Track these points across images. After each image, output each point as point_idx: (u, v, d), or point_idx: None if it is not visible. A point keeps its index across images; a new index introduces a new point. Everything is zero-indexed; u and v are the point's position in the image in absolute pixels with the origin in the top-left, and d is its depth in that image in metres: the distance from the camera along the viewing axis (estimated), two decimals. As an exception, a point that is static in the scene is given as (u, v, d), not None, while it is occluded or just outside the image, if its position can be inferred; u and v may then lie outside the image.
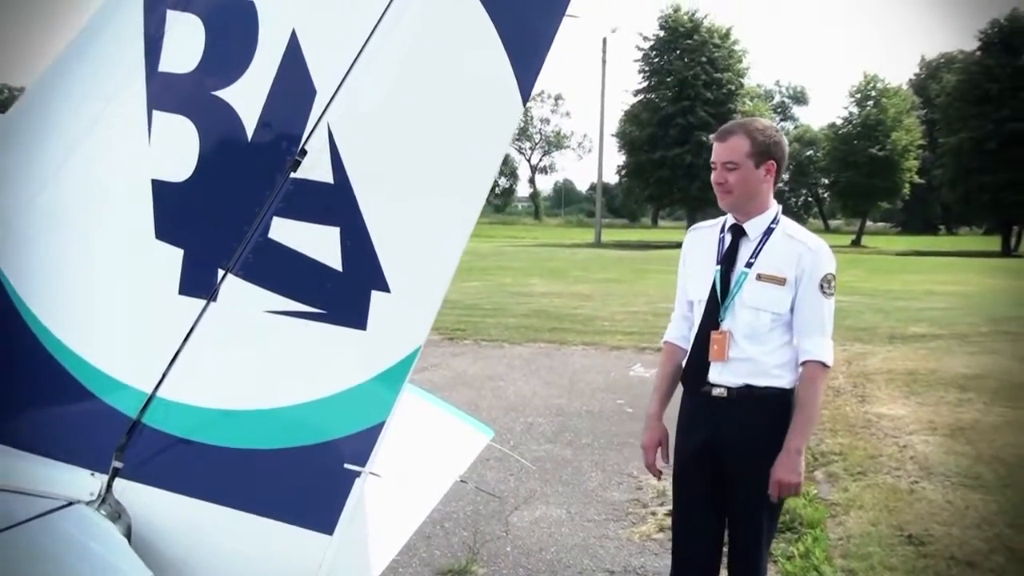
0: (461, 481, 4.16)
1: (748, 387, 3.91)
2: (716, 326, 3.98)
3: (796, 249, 3.93)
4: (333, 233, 2.63)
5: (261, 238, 2.65)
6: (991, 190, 61.72)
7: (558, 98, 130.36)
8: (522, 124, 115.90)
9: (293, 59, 2.63)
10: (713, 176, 4.00)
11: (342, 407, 2.65)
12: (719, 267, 4.03)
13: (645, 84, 66.99)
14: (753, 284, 3.94)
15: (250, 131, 2.65)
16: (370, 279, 2.62)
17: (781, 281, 3.90)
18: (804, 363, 3.90)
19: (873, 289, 26.21)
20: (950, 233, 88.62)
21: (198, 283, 2.69)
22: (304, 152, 2.62)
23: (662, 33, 66.36)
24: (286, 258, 2.65)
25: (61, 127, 2.78)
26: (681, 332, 4.28)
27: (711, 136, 4.13)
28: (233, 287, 2.67)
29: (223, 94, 2.66)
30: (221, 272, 2.67)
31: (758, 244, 3.99)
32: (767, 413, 3.91)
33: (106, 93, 2.74)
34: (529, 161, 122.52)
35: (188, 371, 2.70)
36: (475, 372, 12.40)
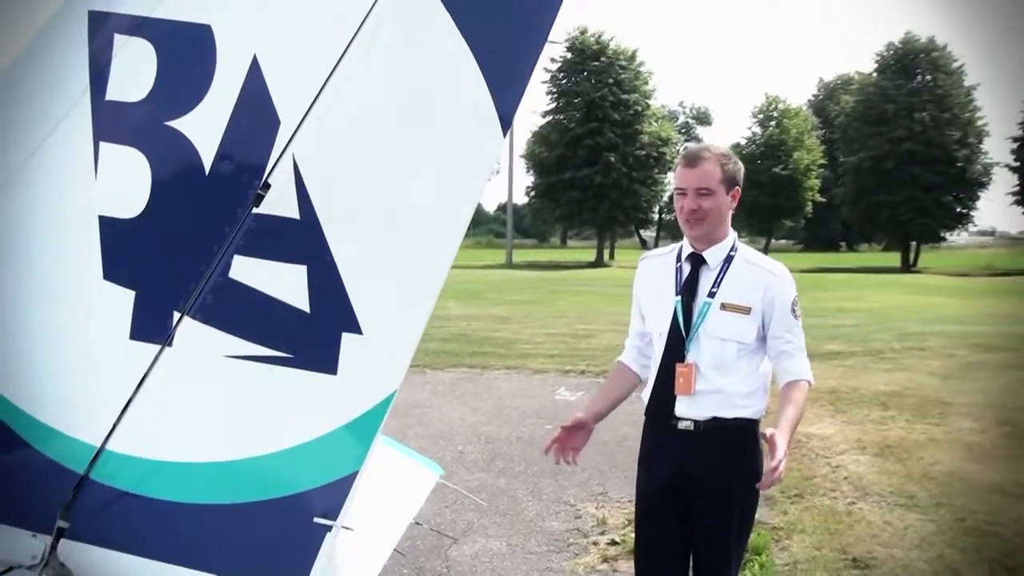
0: (415, 523, 4.00)
1: (715, 419, 3.80)
2: (680, 358, 3.86)
3: (759, 277, 3.87)
4: (299, 272, 2.46)
5: (221, 278, 2.47)
6: (889, 208, 63.34)
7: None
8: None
9: (254, 86, 2.46)
10: (683, 204, 3.87)
11: (311, 457, 2.48)
12: (679, 298, 3.91)
13: (553, 105, 67.29)
14: (717, 314, 3.84)
15: (208, 163, 2.48)
16: (340, 320, 2.46)
17: (746, 310, 3.82)
18: (793, 382, 3.82)
19: None
20: (851, 250, 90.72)
21: (151, 327, 2.50)
22: (267, 185, 2.45)
23: (569, 55, 66.80)
24: (248, 299, 2.48)
25: (-3, 159, 2.57)
26: (631, 356, 4.18)
27: (677, 161, 4.03)
28: (190, 330, 2.48)
29: (177, 124, 2.48)
30: (177, 315, 2.49)
31: (719, 273, 3.89)
32: (735, 445, 3.83)
33: (47, 123, 2.54)
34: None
35: (141, 421, 2.50)
36: (399, 400, 11.84)
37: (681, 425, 3.84)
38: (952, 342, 17.67)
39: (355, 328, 2.45)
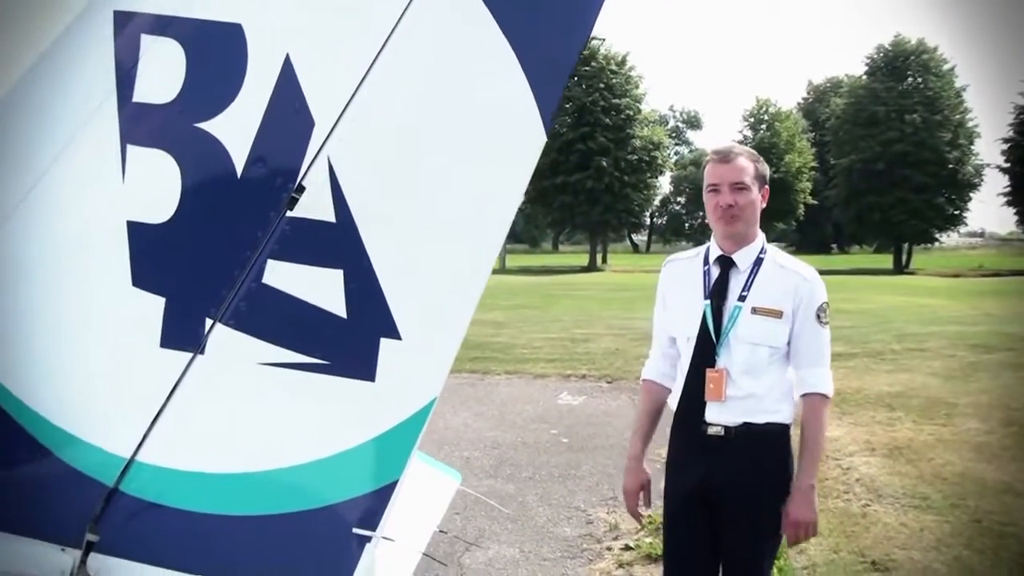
0: (441, 531, 3.93)
1: (747, 425, 3.72)
2: (711, 364, 3.77)
3: (791, 280, 3.78)
4: (336, 276, 2.40)
5: (254, 283, 2.41)
6: (881, 209, 63.54)
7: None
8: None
9: (287, 87, 2.39)
10: (717, 200, 3.77)
11: (349, 467, 2.41)
12: (708, 302, 3.81)
13: (545, 110, 67.11)
14: (748, 318, 3.75)
15: (240, 166, 2.41)
16: (378, 325, 2.39)
17: (778, 314, 3.73)
18: (806, 395, 3.76)
19: None
20: (842, 252, 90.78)
21: (183, 334, 2.43)
22: (302, 188, 2.39)
23: (560, 60, 66.61)
24: (283, 304, 2.41)
25: (20, 163, 2.49)
26: (661, 370, 4.09)
27: (707, 158, 3.90)
28: (223, 338, 2.41)
29: (207, 126, 2.42)
30: (209, 322, 2.42)
31: (749, 276, 3.80)
32: (766, 451, 3.74)
33: (73, 125, 2.47)
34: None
35: (172, 432, 2.43)
36: (401, 406, 12.06)
37: (711, 431, 3.75)
38: (951, 342, 17.65)
39: (394, 334, 2.39)
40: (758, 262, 3.82)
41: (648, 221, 72.73)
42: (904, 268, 61.64)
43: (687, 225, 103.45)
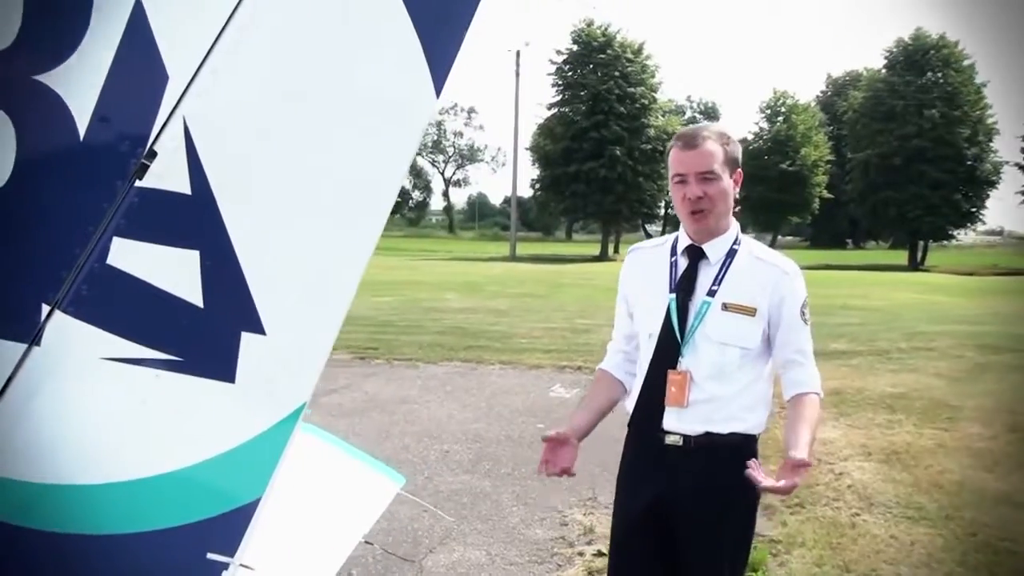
0: (365, 543, 3.58)
1: (708, 435, 3.33)
2: (673, 365, 3.38)
3: (768, 274, 3.39)
4: (191, 258, 2.03)
5: (97, 264, 2.04)
6: (897, 205, 62.96)
7: (471, 111, 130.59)
8: (435, 137, 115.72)
9: (138, 33, 2.02)
10: (683, 192, 3.38)
11: (203, 482, 2.05)
12: (674, 296, 3.43)
13: (559, 98, 66.83)
14: (718, 315, 3.36)
15: (82, 127, 2.04)
16: (239, 317, 2.03)
17: (751, 311, 3.34)
18: (803, 394, 3.34)
19: None
20: (857, 247, 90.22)
21: (15, 323, 2.06)
22: (153, 154, 2.02)
23: (575, 47, 66.32)
24: (130, 290, 2.05)
25: None
26: (616, 362, 3.72)
27: (671, 144, 3.48)
28: (61, 327, 2.05)
29: (46, 79, 2.05)
30: (46, 308, 2.06)
31: (720, 268, 3.41)
32: (728, 464, 3.23)
33: None
34: (443, 174, 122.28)
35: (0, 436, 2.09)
36: (388, 394, 11.75)
37: (668, 440, 3.37)
38: (960, 342, 17.19)
39: (257, 327, 2.03)
40: (731, 253, 3.44)
41: (662, 211, 71.89)
42: (919, 265, 61.09)
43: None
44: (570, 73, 66.52)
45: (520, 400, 11.51)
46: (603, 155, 62.26)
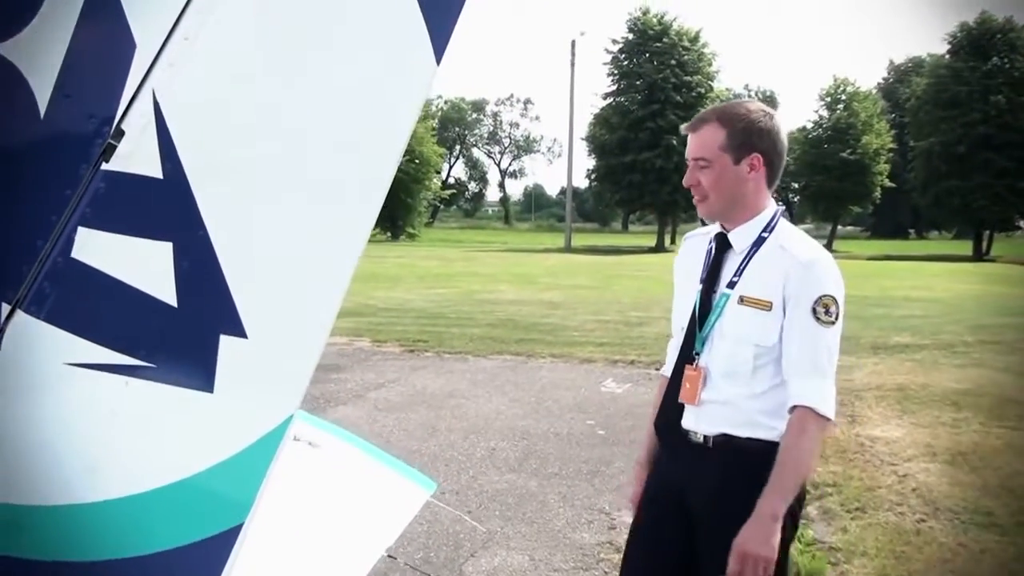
0: (388, 556, 3.34)
1: (726, 437, 3.08)
2: (691, 360, 3.17)
3: (787, 265, 3.05)
4: (163, 251, 1.79)
5: (61, 258, 1.81)
6: (961, 194, 61.48)
7: (527, 102, 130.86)
8: (491, 128, 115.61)
9: (102, -3, 1.80)
10: (685, 178, 3.18)
11: (179, 505, 1.81)
12: (701, 287, 3.21)
13: (614, 87, 66.37)
14: (735, 309, 3.11)
15: (43, 103, 1.81)
16: (218, 318, 1.78)
17: (767, 305, 3.04)
18: (791, 408, 2.98)
19: (849, 295, 24.67)
20: (920, 237, 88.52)
21: (-28, 324, 1.86)
22: (120, 133, 1.78)
23: (631, 36, 65.78)
24: (96, 287, 1.80)
25: None
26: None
27: (684, 126, 3.24)
28: (22, 329, 1.83)
29: (2, 50, 1.82)
30: (6, 308, 1.83)
31: (744, 258, 3.14)
32: (747, 470, 2.97)
33: None
34: (499, 166, 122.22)
35: (-41, 450, 1.87)
36: (435, 388, 11.54)
37: (692, 437, 3.17)
38: (1028, 336, 16.61)
39: (238, 330, 1.78)
40: (758, 242, 3.14)
41: (719, 201, 70.87)
42: (984, 255, 59.60)
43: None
44: (626, 62, 66.02)
45: (571, 395, 11.22)
46: (659, 145, 61.59)
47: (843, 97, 73.31)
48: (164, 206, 1.79)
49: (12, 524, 1.83)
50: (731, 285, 3.13)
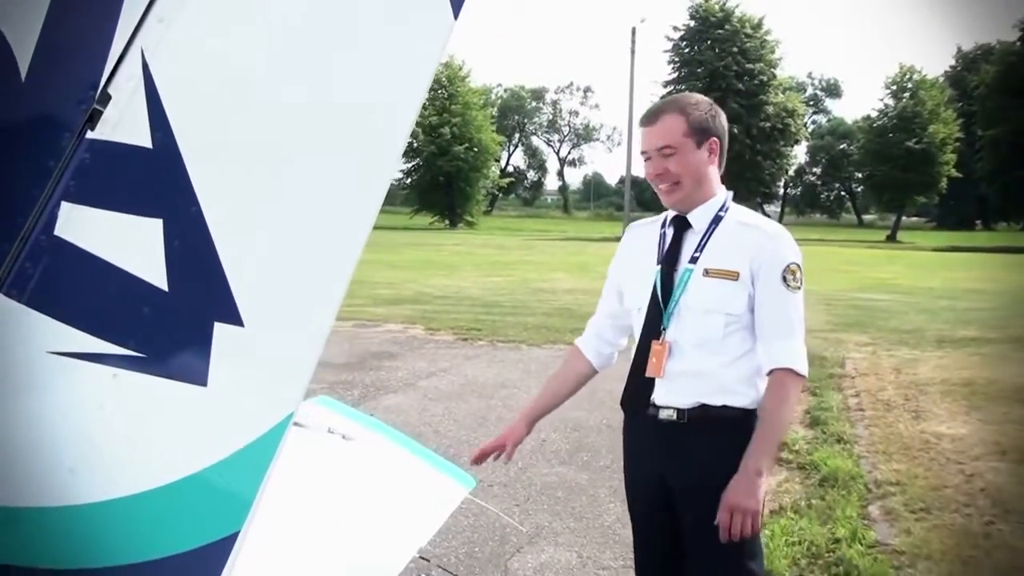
0: (421, 558, 3.16)
1: (703, 407, 3.22)
2: (656, 336, 3.29)
3: (751, 237, 3.26)
4: (153, 228, 1.61)
5: (44, 237, 1.63)
6: (1030, 185, 60.16)
7: (587, 90, 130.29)
8: (550, 116, 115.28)
9: (87, -56, 1.63)
10: (648, 170, 3.31)
11: (168, 510, 1.64)
12: (659, 267, 3.35)
13: (675, 75, 65.89)
14: (699, 281, 3.26)
15: (23, 66, 1.64)
16: (211, 304, 1.60)
17: (733, 275, 3.22)
18: (771, 371, 3.19)
19: (914, 287, 24.97)
20: (987, 229, 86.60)
21: (-50, 308, 1.70)
22: (106, 97, 1.61)
23: (692, 23, 65.23)
24: (81, 268, 1.63)
25: None
26: (588, 337, 3.71)
27: (639, 122, 3.39)
28: (1, 315, 1.67)
29: (-20, 6, 1.66)
30: (-15, 290, 1.68)
31: (704, 236, 3.31)
32: (726, 439, 3.18)
33: None
34: (558, 154, 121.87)
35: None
36: (487, 378, 11.38)
37: (663, 415, 3.28)
38: (1101, 330, 16.01)
39: (234, 317, 1.60)
40: (716, 220, 3.33)
41: (781, 192, 70.19)
42: (1054, 247, 58.11)
43: (823, 196, 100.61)
44: (687, 50, 65.51)
45: (623, 387, 10.97)
46: (720, 133, 60.99)
47: (909, 85, 71.88)
48: (154, 179, 1.62)
49: (-10, 528, 1.67)
50: (693, 260, 3.28)
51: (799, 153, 79.22)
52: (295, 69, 1.61)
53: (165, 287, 1.62)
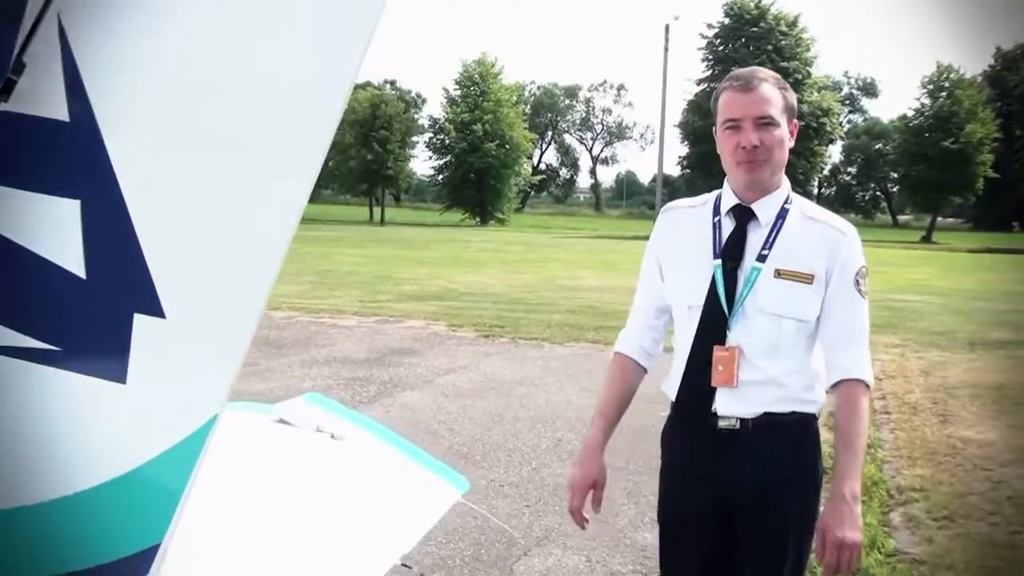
0: (403, 565, 3.02)
1: (768, 416, 2.96)
2: (720, 340, 2.98)
3: (826, 235, 2.99)
4: (70, 211, 1.48)
5: (-46, 218, 1.52)
6: (1069, 186, 59.38)
7: (620, 88, 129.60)
8: (583, 114, 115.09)
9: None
10: (738, 140, 2.95)
11: (83, 521, 1.50)
12: (719, 262, 3.02)
13: (709, 73, 65.42)
14: (770, 283, 2.96)
15: (-68, 30, 1.51)
16: (131, 293, 1.47)
17: (808, 278, 2.94)
18: (842, 382, 2.94)
19: (947, 288, 24.60)
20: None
21: None
22: (21, 66, 1.48)
23: (727, 20, 64.79)
24: (-7, 254, 1.52)
25: None
26: (640, 344, 3.31)
27: (721, 86, 3.07)
28: (-90, 303, 1.54)
29: None
30: None
31: (772, 230, 3.00)
32: (792, 447, 3.00)
33: None
34: (590, 152, 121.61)
35: None
36: (507, 375, 11.24)
37: (723, 424, 2.98)
38: None
39: (154, 308, 1.46)
40: (783, 214, 3.03)
41: (815, 191, 69.67)
42: (1092, 250, 57.25)
43: (858, 197, 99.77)
44: (721, 47, 65.09)
45: (644, 385, 10.73)
46: (754, 132, 60.63)
47: (946, 84, 71.02)
48: (71, 156, 1.48)
49: None
50: (761, 258, 2.98)
51: (834, 152, 78.50)
52: (223, 42, 1.47)
53: (83, 274, 1.48)
